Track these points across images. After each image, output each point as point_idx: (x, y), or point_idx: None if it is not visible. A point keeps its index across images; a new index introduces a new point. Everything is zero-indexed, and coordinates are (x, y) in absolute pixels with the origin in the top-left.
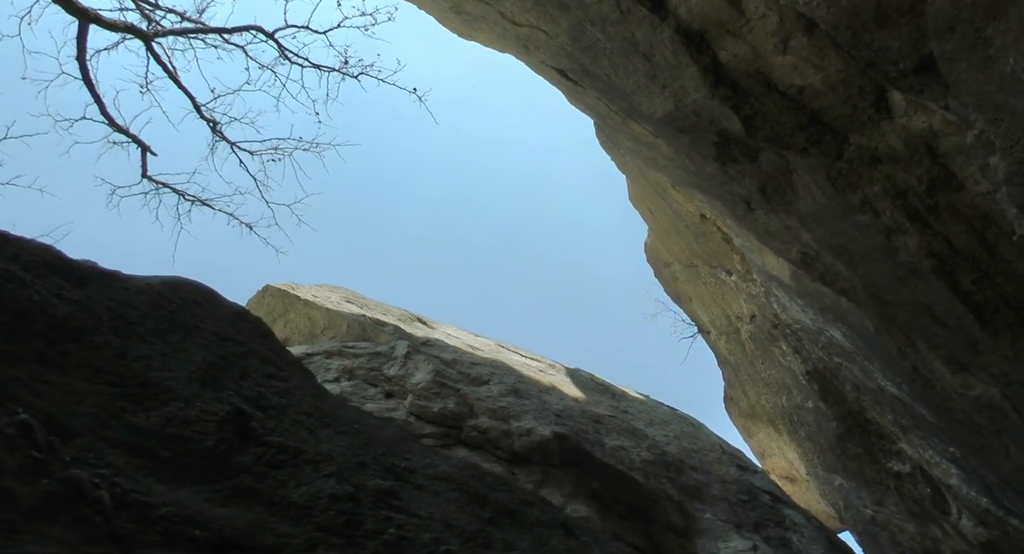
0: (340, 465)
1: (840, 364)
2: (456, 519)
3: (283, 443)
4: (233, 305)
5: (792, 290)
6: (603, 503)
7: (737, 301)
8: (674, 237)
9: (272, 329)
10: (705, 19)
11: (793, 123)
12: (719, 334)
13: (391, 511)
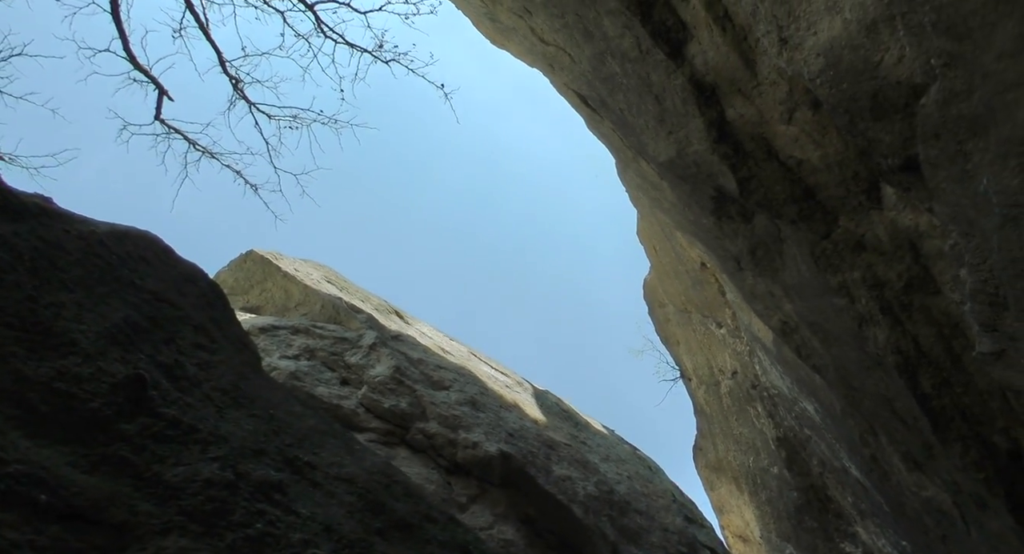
0: (233, 450)
1: (810, 437)
2: (340, 524)
3: (177, 418)
4: (187, 267)
5: (773, 355)
6: (534, 530)
7: (723, 354)
8: (673, 279)
9: (247, 295)
10: (719, 74)
11: (787, 194)
12: (700, 383)
13: (269, 505)
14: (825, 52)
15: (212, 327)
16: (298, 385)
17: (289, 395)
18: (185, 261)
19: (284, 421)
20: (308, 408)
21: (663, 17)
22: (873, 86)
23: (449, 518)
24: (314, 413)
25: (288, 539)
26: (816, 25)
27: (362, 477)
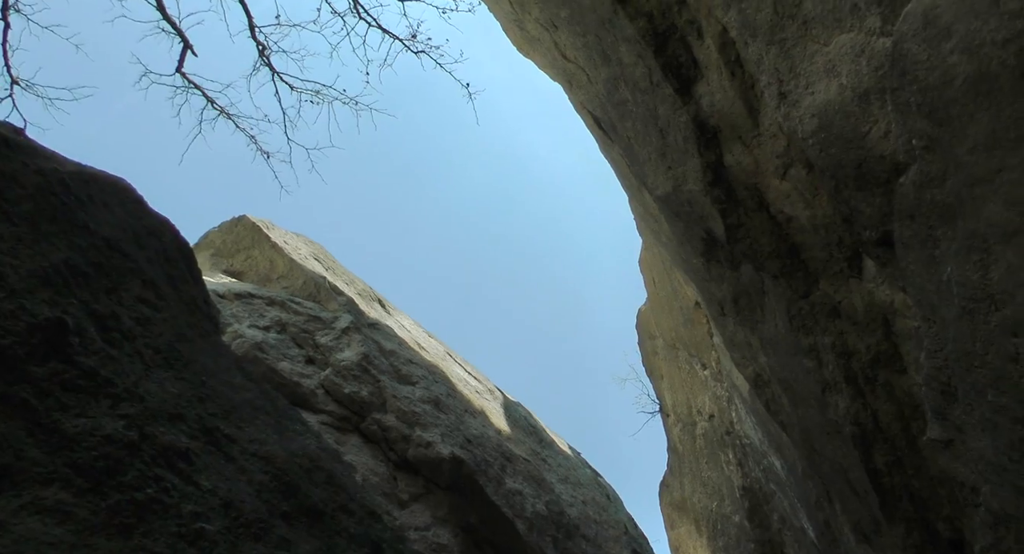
0: (146, 410)
1: (774, 492)
2: (243, 502)
3: (94, 369)
4: (153, 220)
5: (748, 406)
6: (473, 539)
7: (703, 396)
8: (667, 314)
9: (233, 259)
10: (722, 118)
11: (772, 248)
12: (677, 421)
13: (169, 472)
14: (819, 114)
15: (164, 284)
16: (260, 357)
17: (234, 366)
18: (154, 214)
19: (215, 390)
20: (250, 381)
21: (677, 52)
22: (859, 156)
23: (369, 512)
24: (255, 388)
25: (178, 509)
26: (814, 85)
27: (282, 458)
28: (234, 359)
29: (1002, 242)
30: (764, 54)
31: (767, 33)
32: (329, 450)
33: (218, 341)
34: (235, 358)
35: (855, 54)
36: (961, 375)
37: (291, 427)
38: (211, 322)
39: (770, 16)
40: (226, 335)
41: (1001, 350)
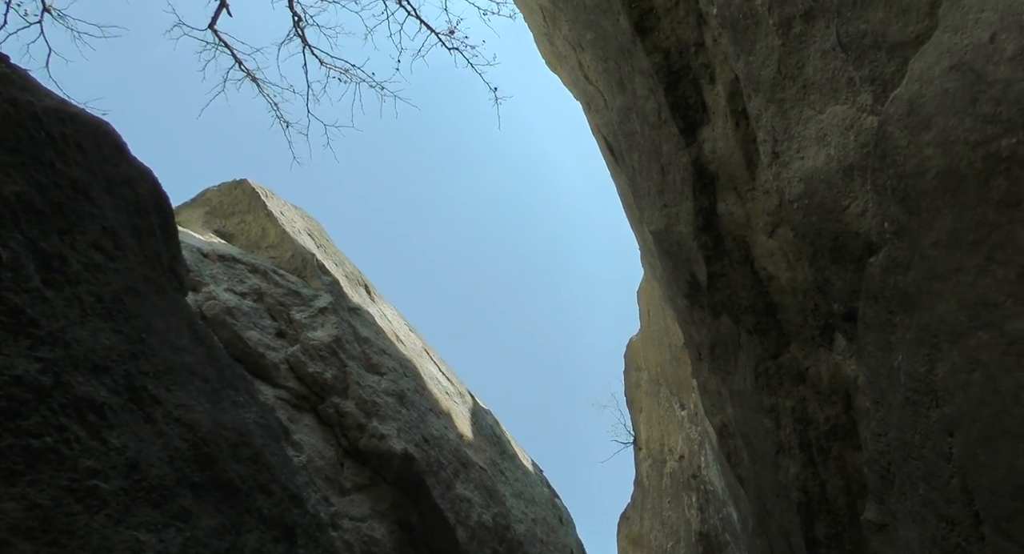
0: (68, 357)
1: (728, 543)
2: (151, 466)
3: (20, 307)
4: (131, 169)
5: (716, 453)
6: (409, 539)
7: (677, 435)
8: (655, 348)
9: (226, 220)
10: (721, 166)
11: (750, 303)
12: (648, 455)
13: (76, 424)
14: (806, 180)
15: (127, 235)
16: (229, 322)
17: (186, 327)
18: (134, 164)
19: (154, 349)
20: (200, 346)
21: (687, 93)
22: (837, 229)
23: (291, 495)
24: (203, 353)
25: (75, 463)
26: (805, 150)
27: (207, 428)
28: (188, 321)
29: (950, 341)
30: (763, 110)
31: (768, 90)
32: (269, 427)
33: (177, 301)
34: (190, 320)
35: (845, 127)
36: (899, 463)
37: (233, 398)
38: (174, 280)
39: (773, 74)
40: (200, 295)
41: (937, 446)
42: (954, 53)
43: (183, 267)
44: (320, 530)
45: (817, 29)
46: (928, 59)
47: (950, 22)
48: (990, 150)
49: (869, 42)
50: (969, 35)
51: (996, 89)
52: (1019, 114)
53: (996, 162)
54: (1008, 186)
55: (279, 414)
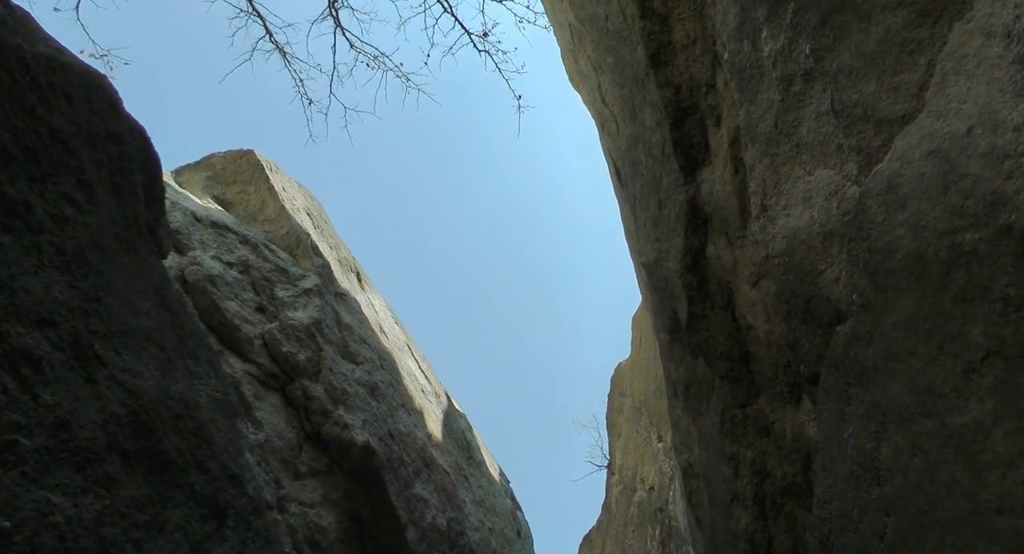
0: (13, 306)
1: None
2: (82, 428)
3: None
4: (120, 125)
5: (682, 489)
6: (357, 531)
7: (650, 466)
8: (642, 377)
9: (227, 188)
10: (716, 209)
11: (726, 349)
12: (619, 481)
13: (7, 375)
14: (788, 238)
15: (104, 191)
16: (210, 290)
17: (153, 292)
18: (126, 120)
19: (110, 308)
20: (166, 313)
21: (692, 131)
22: (811, 291)
23: (230, 476)
24: (168, 319)
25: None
26: (791, 208)
27: (151, 396)
28: (157, 285)
29: (896, 423)
30: (758, 162)
31: (764, 143)
32: (224, 402)
33: (149, 263)
34: (159, 284)
35: (830, 192)
36: (837, 533)
37: (189, 368)
38: (152, 243)
39: (770, 127)
40: (184, 258)
41: (873, 524)
42: (934, 139)
43: (165, 230)
44: (256, 514)
45: (815, 91)
46: (910, 140)
47: (934, 107)
48: (954, 241)
49: (859, 113)
50: (949, 124)
51: (966, 182)
52: (984, 211)
53: (958, 255)
54: (966, 281)
55: (245, 388)
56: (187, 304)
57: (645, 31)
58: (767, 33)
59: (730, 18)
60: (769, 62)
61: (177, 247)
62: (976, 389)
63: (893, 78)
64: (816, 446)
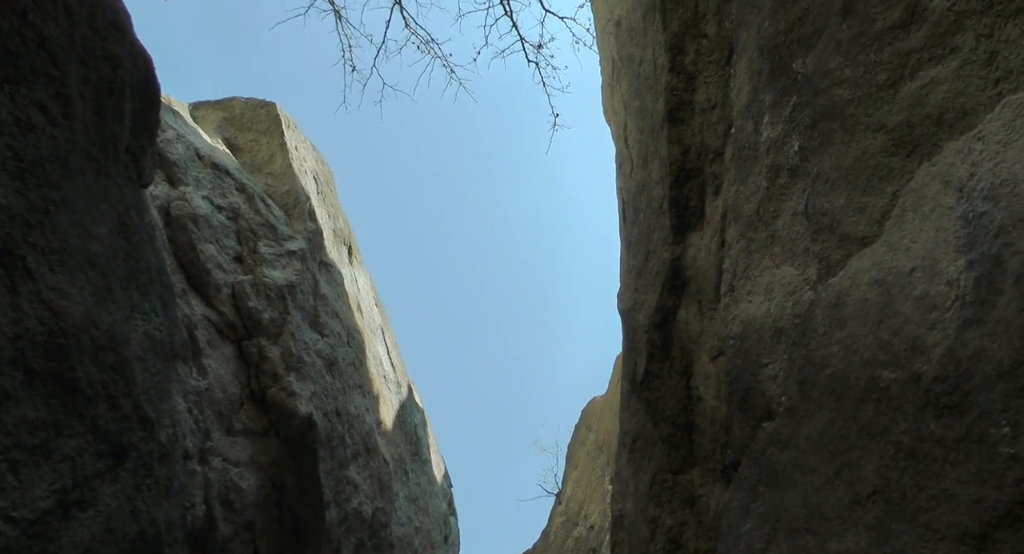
0: None
1: None
2: None
3: None
4: (122, 49)
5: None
6: (276, 500)
7: (597, 506)
8: (610, 417)
9: (241, 133)
10: (695, 276)
11: (672, 414)
12: (564, 512)
13: None
14: (745, 323)
15: (85, 109)
16: (190, 228)
17: (115, 219)
18: (130, 44)
19: (57, 225)
20: (123, 241)
21: (691, 194)
22: (751, 382)
23: (142, 417)
24: (123, 248)
25: None
26: (753, 296)
27: (76, 321)
28: (123, 212)
29: (786, 532)
30: (735, 242)
31: (744, 225)
32: (163, 343)
33: (121, 189)
34: (125, 212)
35: (789, 291)
36: None
37: (134, 302)
38: (131, 170)
39: (752, 212)
40: (174, 191)
41: None
42: (882, 269)
43: (151, 161)
44: (162, 462)
45: (797, 188)
46: (863, 263)
47: (889, 238)
48: (873, 374)
49: (827, 223)
50: (897, 259)
51: (897, 321)
52: (904, 354)
53: (873, 389)
54: (873, 416)
55: (199, 333)
56: (157, 238)
57: (669, 85)
58: (768, 119)
59: (743, 94)
60: (764, 148)
61: (171, 179)
62: (857, 522)
63: (861, 198)
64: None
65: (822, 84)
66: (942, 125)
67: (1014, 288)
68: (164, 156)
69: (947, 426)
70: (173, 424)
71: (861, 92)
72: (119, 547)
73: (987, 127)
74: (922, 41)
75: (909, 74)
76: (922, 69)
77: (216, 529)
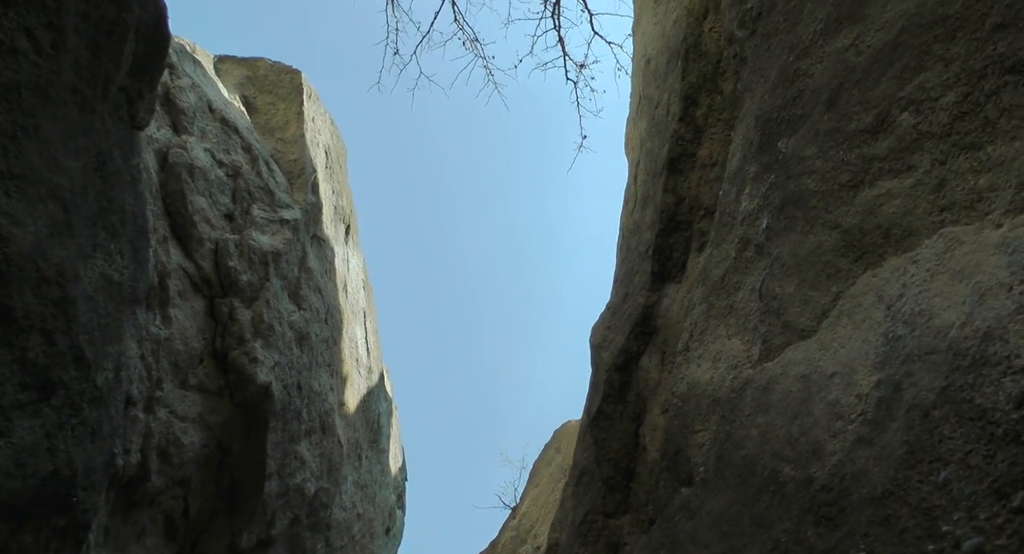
0: None
1: None
2: None
3: None
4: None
5: None
6: (219, 461)
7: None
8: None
9: (261, 95)
10: (664, 326)
11: (616, 457)
12: (515, 527)
13: None
14: (689, 386)
15: (79, 45)
16: (184, 178)
17: (92, 155)
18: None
19: (21, 150)
20: (97, 179)
21: (675, 247)
22: (681, 444)
23: (78, 358)
24: (96, 186)
25: None
26: (702, 361)
27: (23, 249)
28: (103, 150)
29: None
30: (699, 304)
31: (709, 289)
32: (122, 286)
33: (106, 128)
34: (106, 149)
35: (732, 364)
36: None
37: (98, 241)
38: (123, 111)
39: (717, 279)
40: (176, 138)
41: None
42: (810, 366)
43: (147, 105)
44: (95, 405)
45: (759, 266)
46: (796, 355)
47: (823, 337)
48: (776, 467)
49: (775, 307)
50: (824, 361)
51: (807, 421)
52: (805, 454)
53: (773, 481)
54: (766, 507)
55: (171, 282)
56: (142, 181)
57: (676, 134)
58: (748, 190)
59: (734, 160)
60: (740, 218)
61: (175, 126)
62: None
63: (808, 291)
64: None
65: (795, 169)
66: (889, 239)
67: (905, 418)
68: (173, 102)
69: (820, 536)
70: (116, 368)
71: (826, 187)
72: (27, 482)
73: (923, 252)
74: (886, 151)
75: (869, 181)
76: (881, 179)
77: (148, 479)
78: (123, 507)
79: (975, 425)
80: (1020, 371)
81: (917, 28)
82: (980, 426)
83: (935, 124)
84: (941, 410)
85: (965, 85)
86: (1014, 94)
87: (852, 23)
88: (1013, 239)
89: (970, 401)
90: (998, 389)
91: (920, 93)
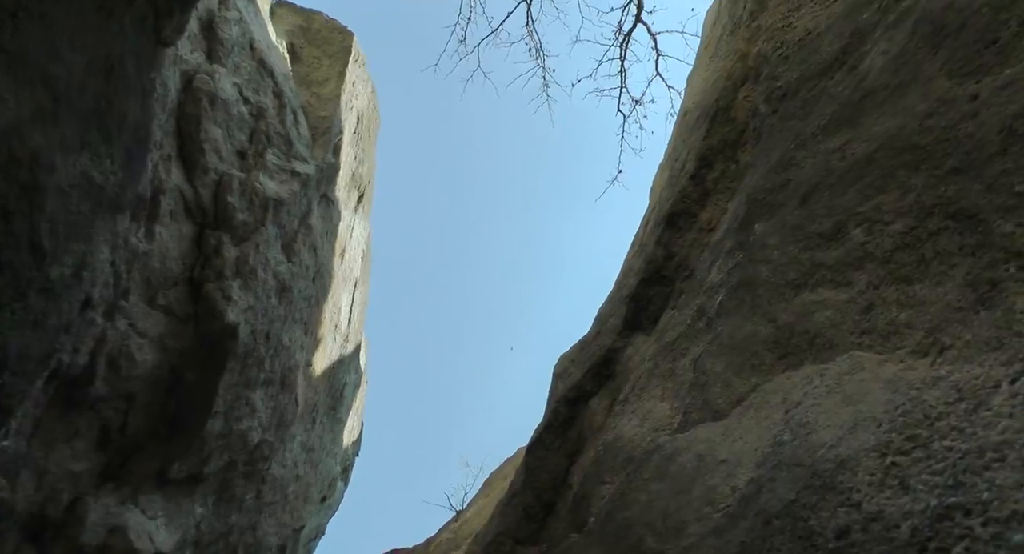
0: None
1: None
2: None
3: None
4: None
5: None
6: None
7: None
8: None
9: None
10: (622, 375)
11: (542, 488)
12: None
13: None
14: (615, 436)
15: None
16: (204, 106)
17: (100, 56)
18: None
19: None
20: (101, 80)
21: (654, 299)
22: (590, 490)
23: (34, 246)
24: (96, 86)
25: None
26: (633, 415)
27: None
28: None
29: None
30: (647, 360)
31: (660, 350)
32: (106, 192)
33: (125, 34)
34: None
35: (655, 426)
36: None
37: (88, 141)
38: (148, 24)
39: (670, 341)
40: (207, 66)
41: None
42: (709, 447)
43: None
44: (43, 295)
45: (704, 338)
46: (703, 434)
47: (730, 423)
48: (643, 535)
49: (703, 382)
50: (722, 446)
51: (686, 498)
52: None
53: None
54: None
55: (165, 200)
56: (155, 96)
57: (684, 191)
58: (719, 264)
59: (719, 230)
60: (704, 288)
61: (209, 53)
62: None
63: (732, 376)
64: None
65: (758, 255)
66: (812, 346)
67: (752, 520)
68: (214, 31)
69: None
70: (77, 267)
71: (775, 279)
72: None
73: (832, 368)
74: (833, 261)
75: (812, 285)
76: (822, 286)
77: (92, 384)
78: (60, 404)
79: (801, 544)
80: (854, 506)
81: (892, 150)
82: (804, 546)
83: (880, 248)
84: (781, 521)
85: (914, 218)
86: (949, 241)
87: (848, 127)
88: (900, 381)
89: (805, 520)
90: (832, 517)
91: (876, 213)
